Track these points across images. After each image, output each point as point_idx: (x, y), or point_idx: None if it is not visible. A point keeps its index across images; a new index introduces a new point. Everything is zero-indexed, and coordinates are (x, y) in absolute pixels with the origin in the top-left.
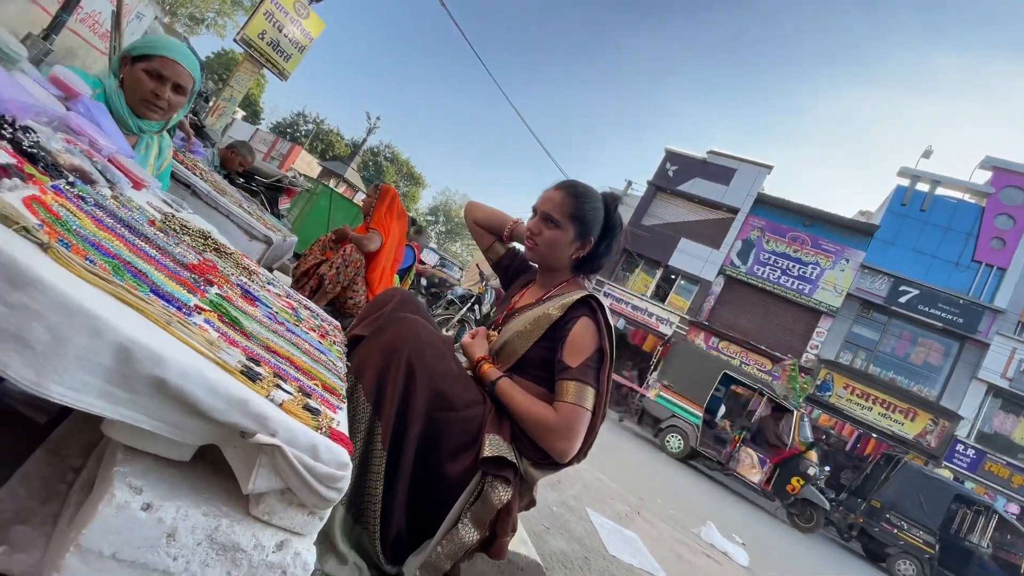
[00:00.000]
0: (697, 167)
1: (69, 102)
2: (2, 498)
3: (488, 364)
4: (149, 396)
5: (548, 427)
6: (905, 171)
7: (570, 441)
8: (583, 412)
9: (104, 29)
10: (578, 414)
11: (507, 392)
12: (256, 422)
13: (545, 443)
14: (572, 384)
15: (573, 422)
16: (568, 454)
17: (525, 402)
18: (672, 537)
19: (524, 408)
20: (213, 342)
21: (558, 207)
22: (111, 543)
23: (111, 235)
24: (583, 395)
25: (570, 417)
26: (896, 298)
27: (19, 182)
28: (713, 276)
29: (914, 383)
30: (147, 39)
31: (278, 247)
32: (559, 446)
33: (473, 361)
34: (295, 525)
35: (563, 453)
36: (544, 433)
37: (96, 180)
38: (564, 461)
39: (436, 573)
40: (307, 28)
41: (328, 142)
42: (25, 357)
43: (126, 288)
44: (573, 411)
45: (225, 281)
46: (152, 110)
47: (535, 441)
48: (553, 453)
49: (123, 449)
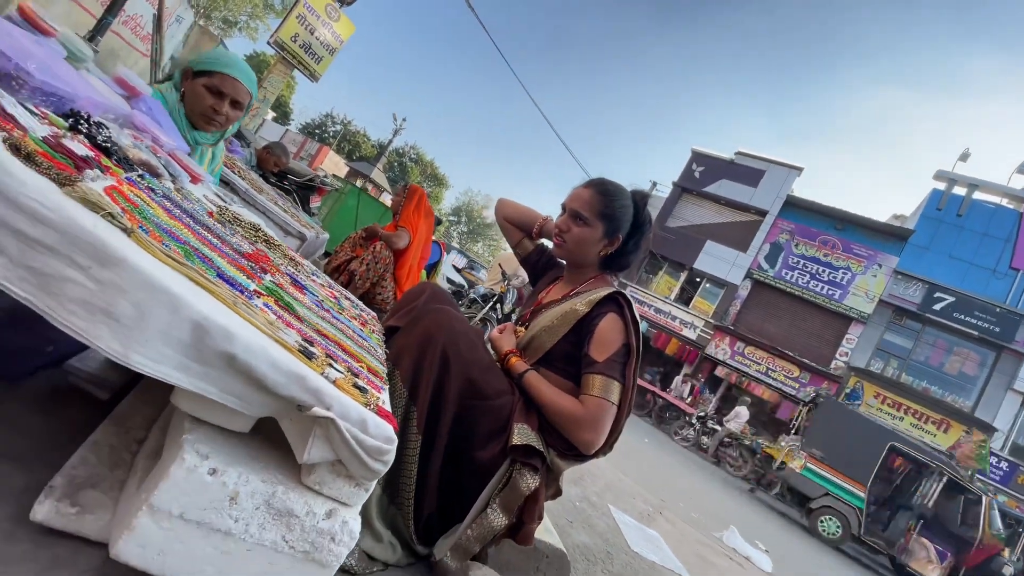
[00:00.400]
0: (724, 168)
1: (132, 101)
2: (74, 464)
3: (516, 358)
4: (220, 369)
5: (574, 419)
6: (941, 174)
7: (596, 433)
8: (609, 405)
9: (145, 32)
10: (604, 407)
11: (534, 385)
12: (312, 396)
13: (571, 435)
14: (598, 378)
15: (599, 415)
16: (593, 445)
17: (551, 395)
18: (694, 538)
19: (551, 400)
20: (273, 323)
21: (587, 205)
22: (180, 504)
23: (180, 224)
24: (609, 389)
25: (596, 410)
26: (930, 305)
27: (99, 173)
28: (740, 280)
29: (948, 393)
30: (210, 55)
31: (311, 243)
32: (585, 437)
33: (501, 355)
34: (343, 496)
35: (588, 444)
36: (570, 425)
37: (161, 174)
38: (589, 452)
39: (465, 555)
40: (338, 31)
41: (355, 143)
42: (113, 330)
43: (197, 271)
44: (599, 404)
45: (276, 270)
46: (210, 124)
47: (561, 433)
48: (579, 444)
49: (189, 419)
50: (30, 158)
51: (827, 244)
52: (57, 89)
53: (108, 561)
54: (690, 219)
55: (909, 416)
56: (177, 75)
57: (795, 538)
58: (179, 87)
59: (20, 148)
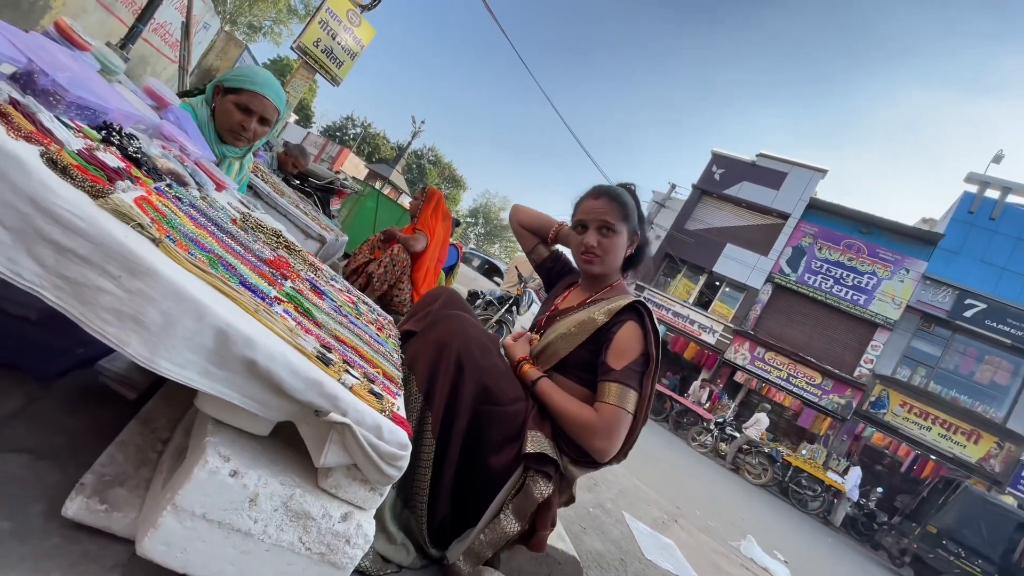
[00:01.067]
0: (745, 170)
1: (160, 111)
2: (103, 463)
3: (529, 365)
4: (241, 375)
5: (587, 427)
6: (973, 177)
7: (610, 441)
8: (624, 414)
9: (174, 38)
10: (619, 415)
11: (547, 392)
12: (329, 402)
13: (584, 442)
14: (615, 386)
15: (613, 423)
16: (607, 454)
17: (565, 402)
18: (710, 547)
19: (563, 408)
20: (292, 330)
21: (611, 214)
22: (202, 504)
23: (205, 232)
24: (625, 397)
25: (610, 418)
26: (961, 312)
27: (130, 184)
28: (760, 284)
29: (978, 403)
30: (240, 72)
31: (331, 245)
32: (598, 445)
33: (514, 362)
34: (358, 499)
35: (602, 452)
36: (583, 433)
37: (188, 183)
38: (603, 460)
39: (478, 560)
40: (359, 35)
41: (374, 145)
42: (141, 336)
43: (221, 279)
44: (614, 412)
45: (296, 276)
46: (238, 139)
47: (575, 440)
48: (592, 452)
49: (212, 422)
50: (65, 171)
51: (852, 248)
52: (91, 102)
53: (134, 558)
54: (710, 222)
55: (937, 426)
56: (209, 90)
57: (814, 548)
58: (210, 102)
59: (56, 162)
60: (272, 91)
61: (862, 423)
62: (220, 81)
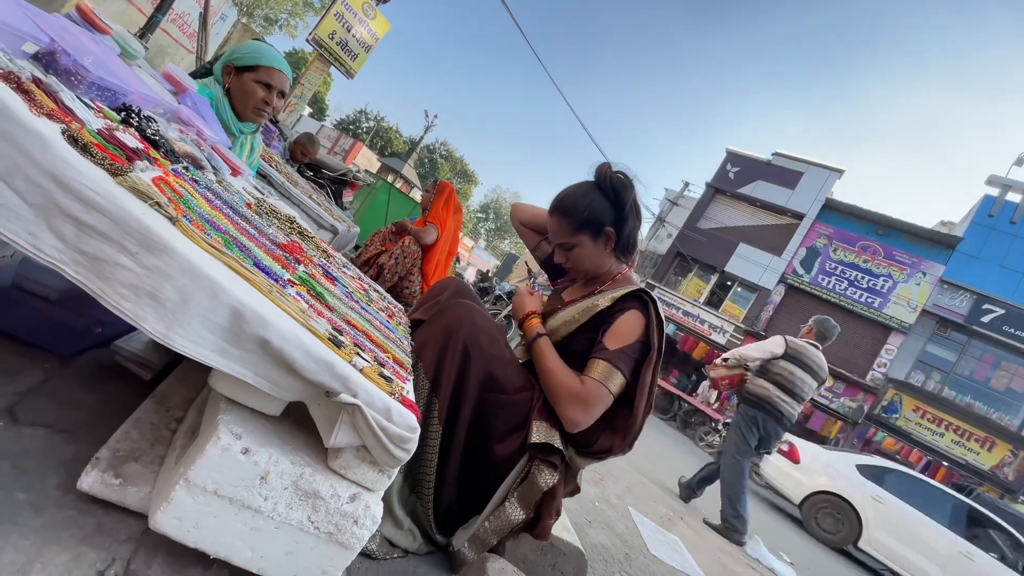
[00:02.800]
0: (760, 169)
1: (179, 96)
2: (118, 438)
3: (536, 319)
4: (254, 354)
5: (568, 392)
6: (994, 179)
7: (584, 414)
8: (605, 392)
9: (192, 29)
10: (600, 392)
11: (543, 350)
12: (340, 383)
13: (559, 407)
14: (602, 363)
15: (592, 397)
16: (578, 425)
17: (555, 364)
18: (715, 545)
19: (552, 368)
20: (305, 311)
21: (560, 232)
22: (214, 480)
23: (220, 214)
24: (610, 377)
25: (591, 392)
26: (978, 317)
27: (148, 164)
28: (773, 284)
29: (994, 410)
30: (249, 49)
31: (343, 236)
32: (571, 414)
33: (523, 313)
34: (366, 481)
35: (574, 422)
36: (562, 396)
37: (204, 166)
38: (573, 431)
39: (483, 547)
40: (373, 28)
41: (387, 139)
42: (157, 312)
43: (236, 260)
44: (596, 388)
45: (309, 261)
46: (261, 116)
47: (551, 403)
48: (564, 420)
49: (225, 401)
50: (86, 149)
51: (868, 250)
52: (111, 84)
53: (147, 532)
54: (723, 221)
55: (950, 432)
56: (218, 71)
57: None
58: (222, 82)
59: (77, 140)
60: (283, 64)
61: (873, 427)
62: (230, 61)
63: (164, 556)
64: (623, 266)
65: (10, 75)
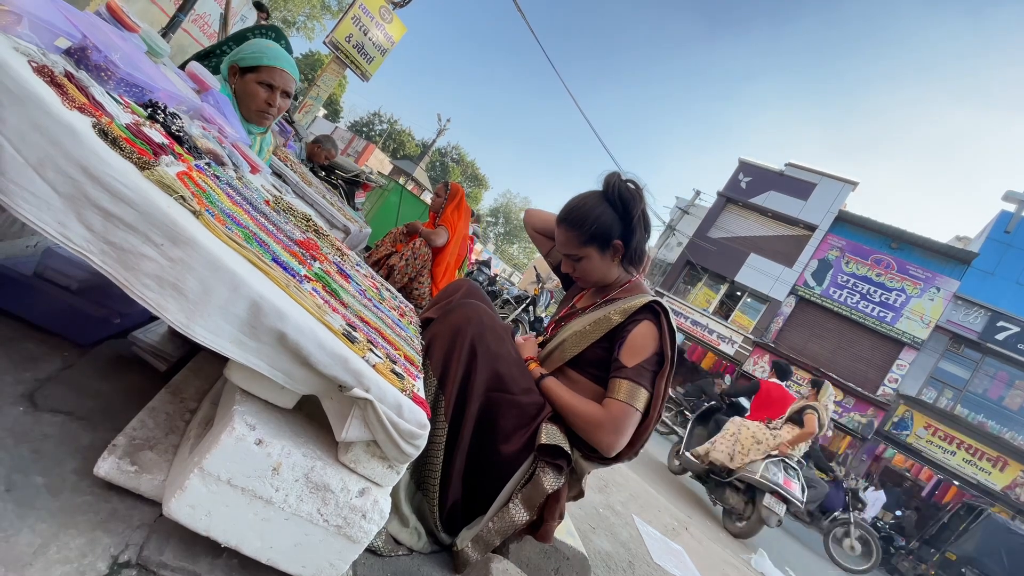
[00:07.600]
0: (773, 179)
1: (201, 94)
2: (134, 427)
3: (535, 364)
4: (271, 346)
5: (594, 423)
6: (1011, 195)
7: (617, 436)
8: (633, 411)
9: (212, 30)
10: (627, 412)
11: (553, 390)
12: (354, 378)
13: (591, 438)
14: (625, 383)
15: (621, 419)
16: (614, 448)
17: (571, 399)
18: (720, 557)
19: (569, 404)
20: (320, 307)
21: (568, 244)
22: (228, 469)
23: (240, 209)
24: (635, 395)
25: (619, 414)
26: (993, 334)
27: (173, 159)
28: (783, 296)
29: (1007, 429)
30: (253, 49)
31: (355, 236)
32: (606, 440)
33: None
34: (376, 476)
35: (609, 447)
36: (589, 428)
37: (225, 163)
38: (609, 455)
39: (487, 548)
40: (390, 32)
41: (400, 141)
42: (179, 303)
43: (255, 254)
44: (623, 409)
45: (324, 258)
46: (266, 118)
47: (582, 436)
48: (599, 447)
49: (240, 392)
50: (115, 143)
51: (880, 263)
52: (139, 80)
53: (159, 519)
54: (734, 230)
55: (962, 451)
56: (224, 71)
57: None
58: (228, 83)
59: (107, 133)
60: (287, 63)
61: (883, 443)
62: (234, 61)
63: (176, 543)
64: (632, 274)
65: (44, 69)
